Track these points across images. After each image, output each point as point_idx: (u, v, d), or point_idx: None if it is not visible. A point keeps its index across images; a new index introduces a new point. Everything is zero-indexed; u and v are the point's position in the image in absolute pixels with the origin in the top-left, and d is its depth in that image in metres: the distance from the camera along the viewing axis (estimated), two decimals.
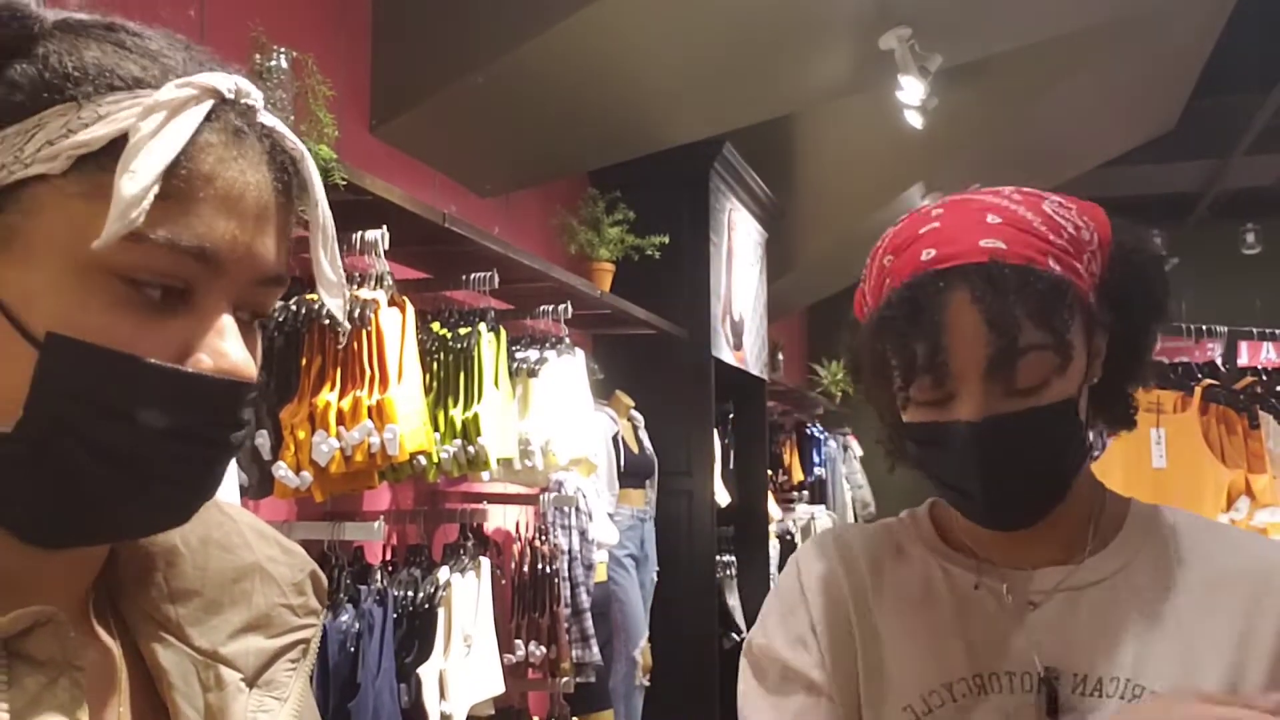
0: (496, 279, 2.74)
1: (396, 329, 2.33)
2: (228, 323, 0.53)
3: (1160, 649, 0.84)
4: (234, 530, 0.66)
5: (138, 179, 0.48)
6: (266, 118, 0.55)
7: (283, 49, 2.24)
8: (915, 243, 0.83)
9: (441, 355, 2.61)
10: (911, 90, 3.60)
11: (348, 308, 0.61)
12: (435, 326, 2.65)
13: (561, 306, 3.10)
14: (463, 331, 2.66)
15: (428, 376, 2.55)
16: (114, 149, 0.49)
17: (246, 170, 0.53)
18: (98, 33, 0.53)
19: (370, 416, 2.19)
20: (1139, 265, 0.87)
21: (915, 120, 4.00)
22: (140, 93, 0.51)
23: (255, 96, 0.55)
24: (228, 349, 0.52)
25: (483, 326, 2.66)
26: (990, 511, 0.85)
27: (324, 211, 0.58)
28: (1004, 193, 0.86)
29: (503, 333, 2.77)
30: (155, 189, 0.48)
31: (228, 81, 0.53)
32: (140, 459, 0.50)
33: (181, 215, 0.50)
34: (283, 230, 0.56)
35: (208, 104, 0.51)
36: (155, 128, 0.49)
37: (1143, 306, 0.87)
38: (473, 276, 2.75)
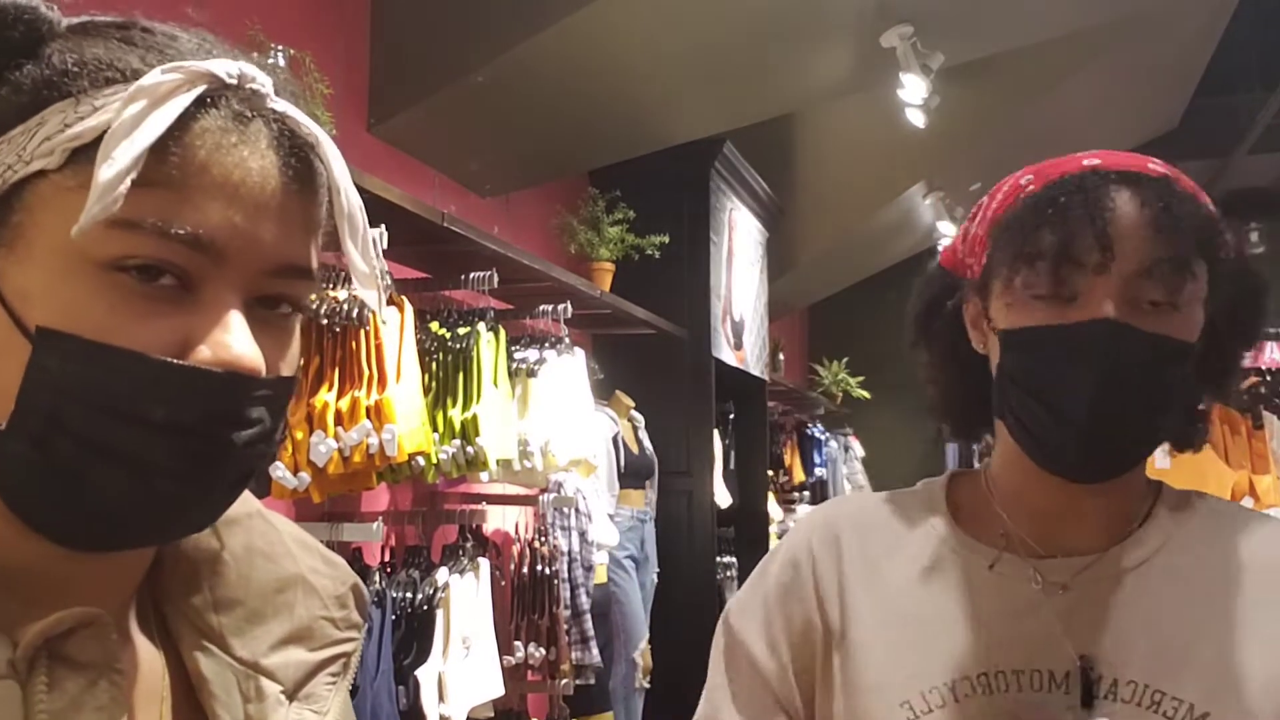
0: (496, 279, 2.73)
1: (395, 329, 2.32)
2: (233, 315, 0.51)
3: (1189, 652, 0.77)
4: (277, 540, 0.65)
5: (115, 164, 0.47)
6: (278, 103, 0.53)
7: (280, 47, 2.23)
8: (1070, 160, 0.80)
9: (440, 355, 2.60)
10: (913, 89, 3.59)
11: (384, 298, 0.59)
12: (434, 326, 2.64)
13: (561, 306, 3.09)
14: (462, 331, 2.65)
15: (426, 377, 2.54)
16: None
17: (248, 157, 0.51)
18: (108, 31, 0.53)
19: (368, 417, 2.18)
20: (1246, 282, 0.84)
21: (917, 119, 3.99)
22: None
23: (263, 81, 0.53)
24: (229, 340, 0.50)
25: (482, 326, 2.65)
26: (1085, 443, 0.77)
27: (350, 199, 0.57)
28: (1144, 158, 0.84)
29: (502, 333, 2.76)
30: (133, 174, 0.47)
31: (230, 67, 0.51)
32: (136, 456, 0.49)
33: (174, 202, 0.49)
34: (300, 218, 0.54)
35: (199, 89, 0.50)
36: (137, 114, 0.48)
37: (1239, 324, 0.83)
38: (472, 276, 2.74)
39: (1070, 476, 0.80)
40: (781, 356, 6.19)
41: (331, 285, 2.29)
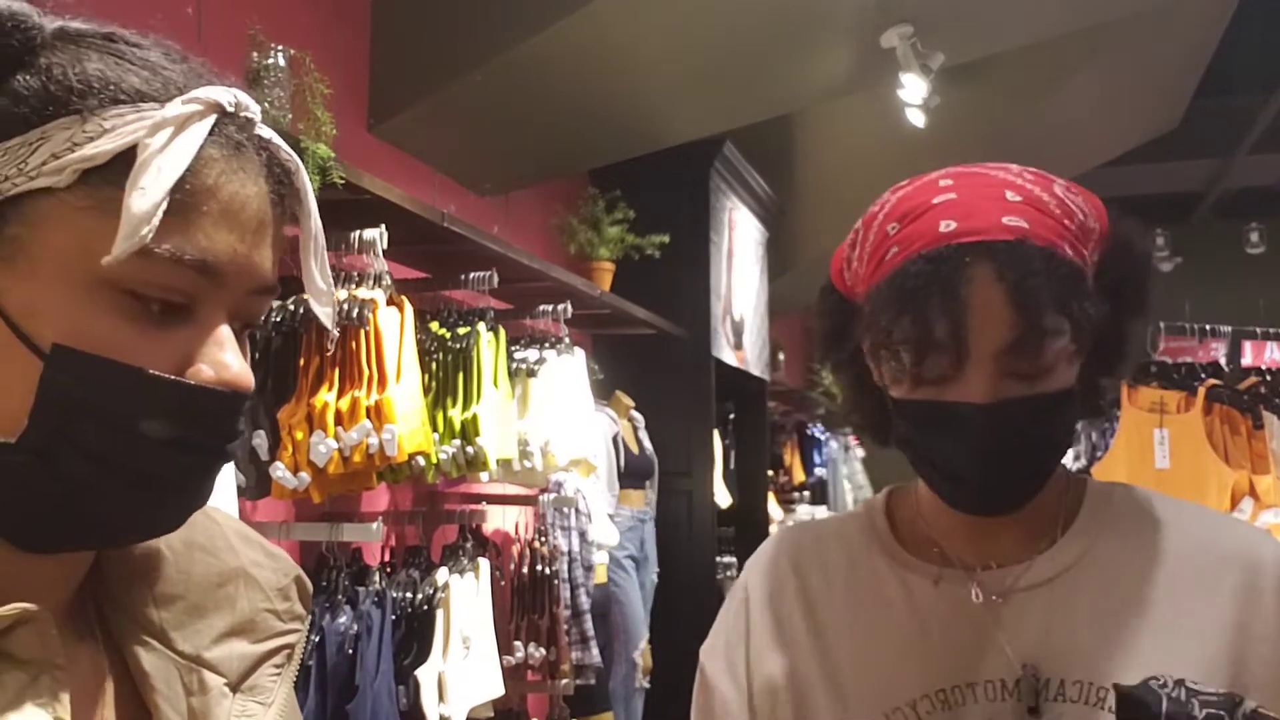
0: (496, 278, 2.73)
1: (395, 329, 2.32)
2: (227, 334, 0.54)
3: (1127, 644, 0.80)
4: (218, 534, 0.66)
5: (148, 196, 0.49)
6: (263, 130, 0.56)
7: (280, 47, 2.22)
8: (929, 212, 0.79)
9: (440, 355, 2.59)
10: (913, 89, 3.58)
11: (336, 315, 0.63)
12: (434, 326, 2.64)
13: (561, 306, 3.09)
14: (462, 331, 2.64)
15: (426, 377, 2.53)
16: (119, 163, 0.50)
17: (247, 183, 0.54)
18: (97, 43, 0.54)
19: (369, 417, 2.18)
20: (1133, 261, 0.85)
21: (917, 119, 3.98)
22: (143, 106, 0.52)
23: (253, 109, 0.56)
24: (228, 360, 0.53)
25: (482, 326, 2.65)
26: (980, 496, 0.81)
27: (316, 221, 0.59)
28: (1013, 169, 0.83)
29: (502, 332, 2.76)
30: (164, 205, 0.49)
31: (228, 95, 0.54)
32: (140, 469, 0.51)
33: (185, 229, 0.51)
34: (277, 240, 0.57)
35: (211, 118, 0.53)
36: (163, 144, 0.50)
37: (1131, 303, 0.85)
38: (472, 276, 2.73)
39: (979, 514, 0.84)
40: (782, 356, 6.18)
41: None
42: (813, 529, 0.98)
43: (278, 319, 2.20)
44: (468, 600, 2.61)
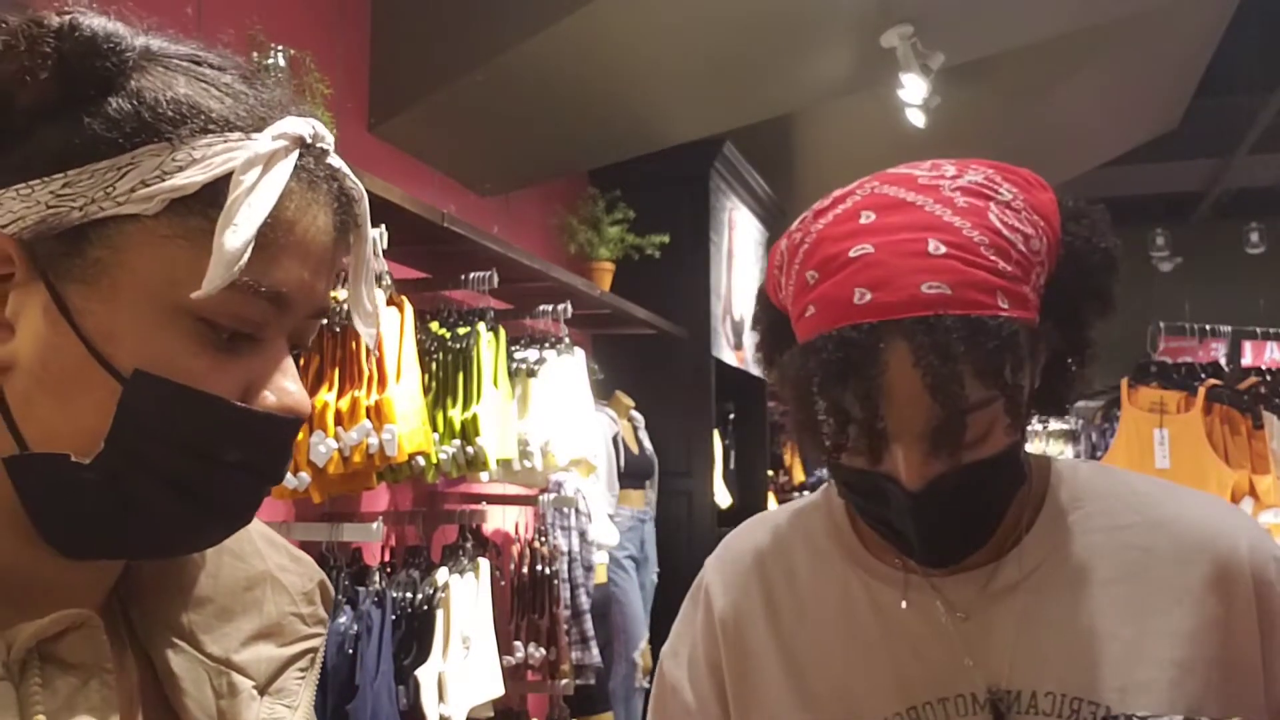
0: (496, 278, 2.73)
1: (395, 329, 2.32)
2: (289, 361, 0.56)
3: (1097, 651, 0.78)
4: (245, 538, 0.67)
5: (240, 233, 0.50)
6: (334, 159, 0.57)
7: (280, 47, 2.22)
8: (845, 269, 0.73)
9: (440, 355, 2.60)
10: (913, 88, 3.58)
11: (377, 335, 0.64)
12: (434, 326, 2.64)
13: (561, 306, 3.09)
14: (461, 331, 2.64)
15: (426, 377, 2.53)
16: (207, 194, 0.51)
17: (319, 215, 0.55)
18: (183, 66, 0.54)
19: (368, 417, 2.18)
20: (1087, 273, 0.79)
21: (917, 119, 3.98)
22: (230, 136, 0.52)
23: (328, 140, 0.57)
24: (290, 387, 0.55)
25: (482, 326, 2.65)
26: (927, 554, 0.78)
27: (369, 247, 0.61)
28: (943, 190, 0.75)
29: (502, 332, 2.76)
30: (253, 241, 0.50)
31: (307, 127, 0.55)
32: (206, 491, 0.53)
33: (265, 261, 0.52)
34: (334, 265, 0.58)
35: (296, 153, 0.54)
36: (254, 181, 0.51)
37: (1092, 308, 0.81)
38: (472, 276, 2.73)
39: (927, 568, 0.81)
40: None
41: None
42: (774, 526, 0.94)
43: None
44: (468, 600, 2.61)
